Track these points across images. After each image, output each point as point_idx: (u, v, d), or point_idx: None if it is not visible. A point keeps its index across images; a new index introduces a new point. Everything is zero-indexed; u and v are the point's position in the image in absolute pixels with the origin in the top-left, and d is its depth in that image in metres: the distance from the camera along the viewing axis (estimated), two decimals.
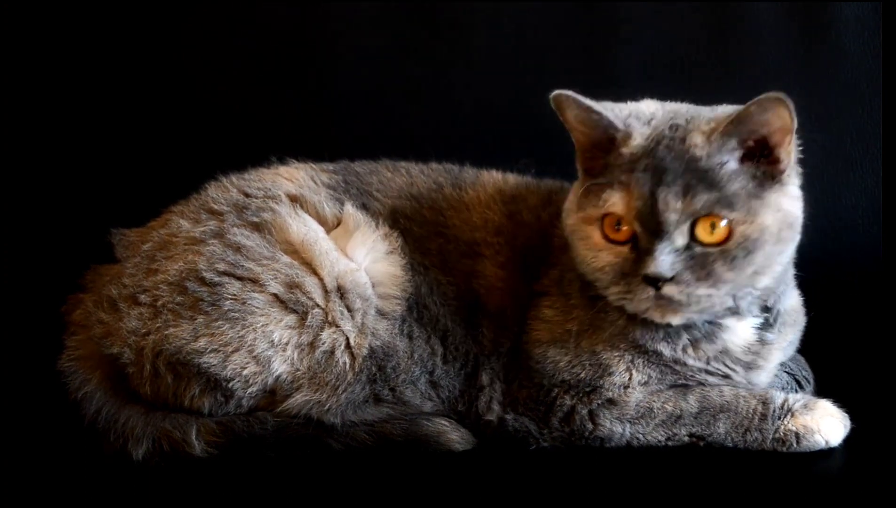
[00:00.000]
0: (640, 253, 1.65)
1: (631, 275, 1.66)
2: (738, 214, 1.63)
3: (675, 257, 1.63)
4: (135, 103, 2.62)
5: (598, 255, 1.70)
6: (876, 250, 2.39)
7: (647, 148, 1.67)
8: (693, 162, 1.64)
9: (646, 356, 1.77)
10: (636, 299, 1.66)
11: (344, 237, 1.84)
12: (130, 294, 1.80)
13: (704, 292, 1.64)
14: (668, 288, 1.63)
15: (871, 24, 2.46)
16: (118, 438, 1.77)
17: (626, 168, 1.66)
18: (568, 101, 1.70)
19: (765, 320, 1.79)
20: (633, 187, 1.64)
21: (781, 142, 1.66)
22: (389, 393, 1.82)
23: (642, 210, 1.63)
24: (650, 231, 1.64)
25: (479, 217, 1.91)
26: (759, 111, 1.62)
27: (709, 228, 1.63)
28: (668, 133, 1.67)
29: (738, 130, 1.64)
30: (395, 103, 2.61)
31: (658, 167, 1.64)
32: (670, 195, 1.62)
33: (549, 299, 1.83)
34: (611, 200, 1.66)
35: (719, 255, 1.63)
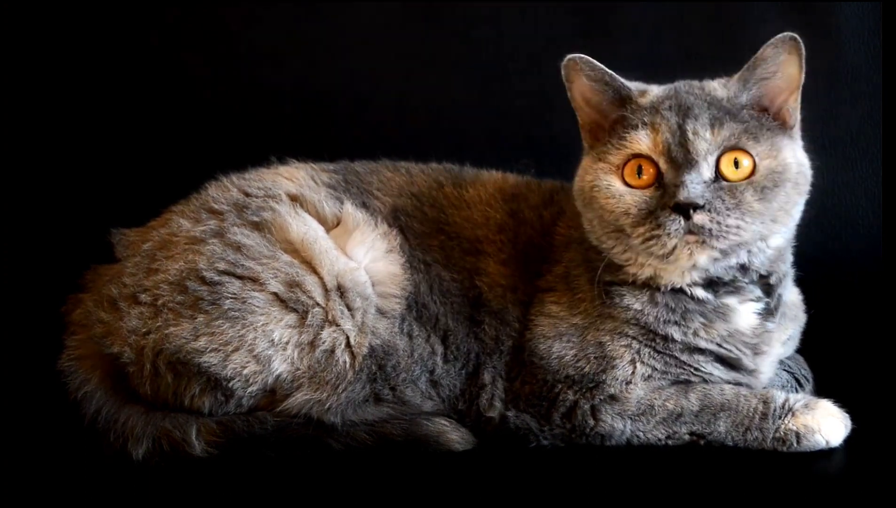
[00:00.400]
0: (667, 189, 1.67)
1: (660, 209, 1.67)
2: (762, 147, 1.69)
3: (704, 187, 1.66)
4: (135, 103, 2.62)
5: (622, 199, 1.71)
6: (876, 250, 2.39)
7: (667, 94, 1.74)
8: (716, 101, 1.71)
9: (654, 344, 1.77)
10: (664, 234, 1.66)
11: (343, 236, 1.85)
12: (131, 294, 1.80)
13: (734, 222, 1.66)
14: (699, 216, 1.64)
15: (871, 24, 2.46)
16: (118, 438, 1.77)
17: (648, 110, 1.72)
18: (583, 62, 1.75)
19: (766, 305, 1.79)
20: (659, 124, 1.69)
21: (787, 100, 1.73)
22: (390, 393, 1.82)
23: (671, 142, 1.67)
24: (678, 165, 1.67)
25: (480, 215, 1.92)
26: (774, 53, 1.70)
27: (732, 164, 1.67)
28: (683, 86, 1.76)
29: (754, 74, 1.71)
30: (394, 104, 2.62)
31: (683, 104, 1.70)
32: (699, 125, 1.67)
33: (554, 294, 1.83)
34: (636, 138, 1.70)
35: (748, 186, 1.67)
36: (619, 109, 1.76)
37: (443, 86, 2.62)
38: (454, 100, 2.61)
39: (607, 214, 1.73)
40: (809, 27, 2.46)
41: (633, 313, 1.77)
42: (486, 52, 2.61)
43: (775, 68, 1.71)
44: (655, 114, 1.71)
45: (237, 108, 2.63)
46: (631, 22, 2.55)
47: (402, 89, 2.63)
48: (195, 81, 2.64)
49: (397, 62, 2.62)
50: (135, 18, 2.61)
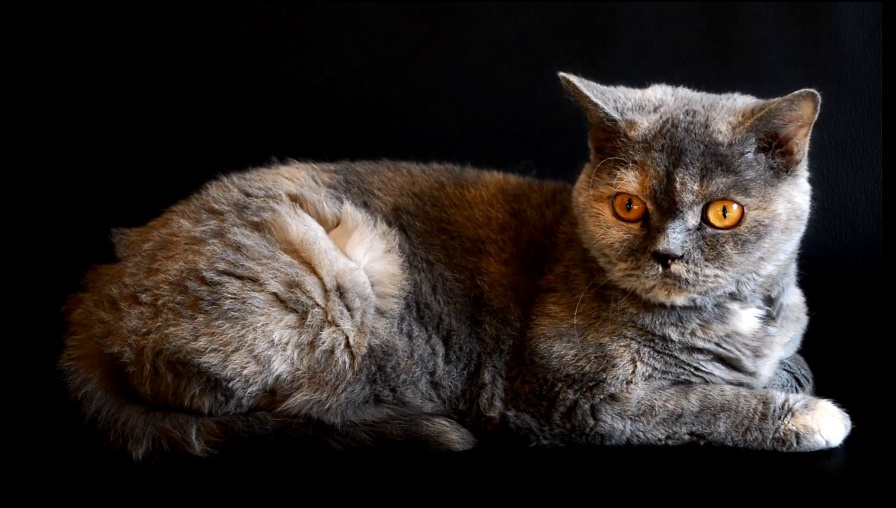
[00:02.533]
0: (650, 230, 1.67)
1: (640, 251, 1.68)
2: (753, 199, 1.66)
3: (685, 236, 1.65)
4: (135, 104, 2.62)
5: (608, 231, 1.71)
6: (876, 250, 2.39)
7: (661, 130, 1.69)
8: (713, 147, 1.67)
9: (653, 344, 1.77)
10: (643, 275, 1.67)
11: (343, 236, 1.84)
12: (131, 294, 1.80)
13: (711, 273, 1.66)
14: (676, 266, 1.65)
15: (871, 24, 2.46)
16: (118, 438, 1.77)
17: (640, 148, 1.69)
18: (570, 85, 1.73)
19: (767, 313, 1.79)
20: (648, 166, 1.67)
21: (797, 134, 1.70)
22: (390, 394, 1.82)
23: (657, 189, 1.66)
24: (663, 210, 1.66)
25: (482, 215, 1.92)
26: (790, 107, 1.66)
27: (720, 212, 1.66)
28: (683, 117, 1.70)
29: (766, 123, 1.67)
30: (395, 103, 2.62)
31: (676, 148, 1.67)
32: (687, 176, 1.65)
33: (554, 295, 1.84)
34: (625, 178, 1.69)
35: (730, 237, 1.66)
36: (611, 137, 1.73)
37: (443, 86, 2.62)
38: (455, 100, 2.61)
39: (595, 242, 1.74)
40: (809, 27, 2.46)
41: (629, 316, 1.77)
42: (486, 52, 2.61)
43: (788, 120, 1.68)
44: (646, 153, 1.68)
45: (238, 108, 2.63)
46: (631, 22, 2.55)
47: (403, 89, 2.62)
48: (196, 80, 2.63)
49: (397, 62, 2.62)
50: (135, 18, 2.61)
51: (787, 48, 2.50)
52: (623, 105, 1.74)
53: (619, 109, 1.73)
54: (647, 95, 1.78)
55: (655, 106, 1.75)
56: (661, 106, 1.74)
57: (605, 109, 1.72)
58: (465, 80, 2.61)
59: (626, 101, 1.75)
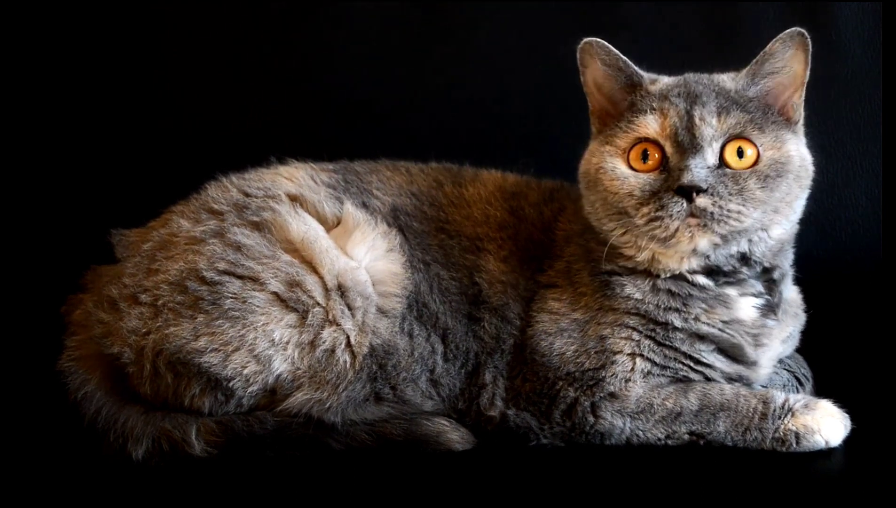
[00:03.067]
0: (671, 172, 1.71)
1: (663, 191, 1.70)
2: (767, 138, 1.73)
3: (708, 172, 1.69)
4: (135, 104, 2.62)
5: (626, 181, 1.74)
6: (876, 250, 2.39)
7: (676, 83, 1.80)
8: (724, 91, 1.75)
9: (654, 334, 1.77)
10: (667, 215, 1.69)
11: (344, 236, 1.85)
12: (131, 294, 1.80)
13: (735, 208, 1.69)
14: (701, 199, 1.67)
15: (871, 24, 2.46)
16: (118, 438, 1.77)
17: (657, 97, 1.76)
18: (598, 47, 1.79)
19: (766, 301, 1.80)
20: (668, 109, 1.73)
21: (792, 96, 1.77)
22: (390, 392, 1.82)
23: (678, 127, 1.71)
24: (683, 149, 1.70)
25: (480, 213, 1.92)
26: (782, 48, 1.74)
27: (736, 153, 1.71)
28: (694, 76, 1.81)
29: (762, 68, 1.76)
30: (395, 103, 2.62)
31: (691, 92, 1.75)
32: (706, 112, 1.71)
33: (555, 291, 1.84)
34: (644, 122, 1.74)
35: (751, 174, 1.71)
36: (630, 95, 1.80)
37: (443, 86, 2.62)
38: (454, 100, 2.61)
39: (611, 195, 1.75)
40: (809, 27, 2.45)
41: (633, 303, 1.78)
42: (485, 52, 2.61)
43: (782, 64, 1.76)
44: (664, 100, 1.75)
45: (237, 108, 2.63)
46: (630, 22, 2.55)
47: (402, 89, 2.62)
48: (195, 81, 2.64)
49: (397, 62, 2.62)
50: (135, 18, 2.61)
51: None
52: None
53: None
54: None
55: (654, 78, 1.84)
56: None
57: (634, 67, 1.80)
58: (465, 80, 2.61)
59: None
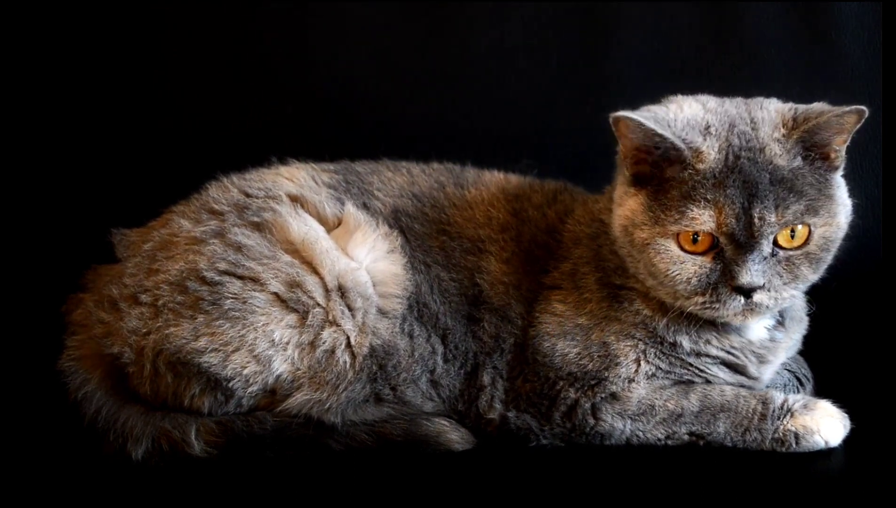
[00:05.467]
0: (726, 264, 1.66)
1: (721, 285, 1.67)
2: (819, 218, 1.66)
3: (764, 266, 1.65)
4: (135, 104, 2.62)
5: (683, 267, 1.68)
6: (876, 250, 2.39)
7: (726, 163, 1.66)
8: (777, 172, 1.65)
9: (661, 346, 1.77)
10: (723, 308, 1.67)
11: (344, 237, 1.85)
12: (131, 294, 1.80)
13: (788, 295, 1.69)
14: (759, 296, 1.66)
15: (871, 24, 2.46)
16: (117, 438, 1.77)
17: (710, 184, 1.65)
18: (630, 123, 1.65)
19: (777, 321, 1.81)
20: (723, 204, 1.63)
21: (835, 141, 1.68)
22: (390, 392, 1.82)
23: (735, 227, 1.64)
24: (739, 244, 1.65)
25: (482, 215, 1.92)
26: (838, 122, 1.65)
27: (789, 234, 1.66)
28: (738, 142, 1.67)
29: (812, 137, 1.66)
30: (395, 104, 2.61)
31: (747, 182, 1.64)
32: (765, 210, 1.63)
33: (560, 292, 1.83)
34: (700, 218, 1.65)
35: (804, 258, 1.67)
36: (674, 168, 1.67)
37: (443, 86, 2.62)
38: (455, 100, 2.61)
39: (663, 277, 1.69)
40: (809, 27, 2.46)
41: (642, 318, 1.77)
42: (486, 52, 2.61)
43: (835, 133, 1.67)
44: (719, 190, 1.64)
45: (237, 108, 2.63)
46: (630, 21, 2.54)
47: (403, 89, 2.62)
48: (195, 81, 2.63)
49: (397, 62, 2.62)
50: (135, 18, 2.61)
51: (787, 48, 2.50)
52: (677, 130, 1.68)
53: (679, 136, 1.66)
54: (686, 115, 1.71)
55: (704, 127, 1.69)
56: (709, 127, 1.69)
57: (673, 140, 1.64)
58: (465, 80, 2.61)
59: (675, 121, 1.70)
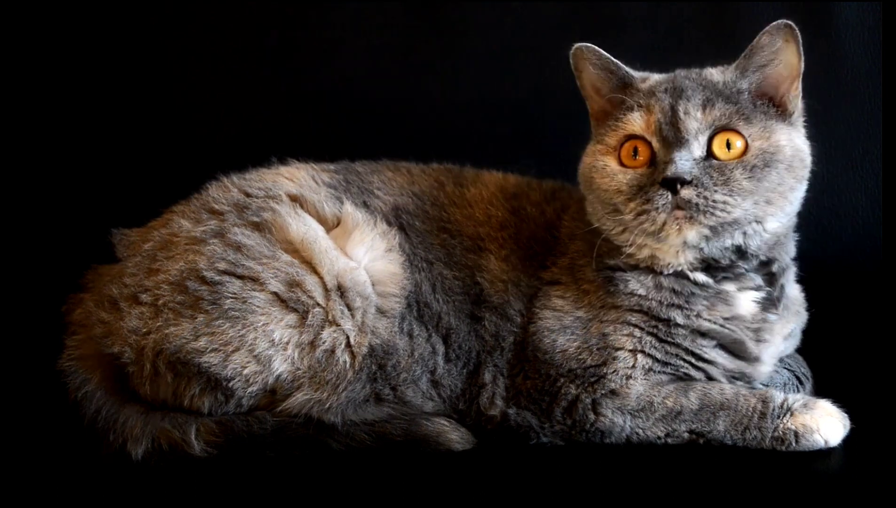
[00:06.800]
0: (657, 167, 1.72)
1: (649, 184, 1.71)
2: (754, 129, 1.72)
3: (692, 164, 1.69)
4: (135, 104, 2.62)
5: (616, 177, 1.76)
6: (876, 250, 2.39)
7: (665, 79, 1.81)
8: (710, 84, 1.76)
9: (657, 331, 1.78)
10: (653, 208, 1.69)
11: (343, 236, 1.85)
12: (131, 294, 1.80)
13: (721, 198, 1.69)
14: (685, 191, 1.68)
15: (871, 24, 2.46)
16: (117, 437, 1.77)
17: (645, 94, 1.78)
18: (589, 51, 1.82)
19: (767, 294, 1.80)
20: (653, 104, 1.74)
21: (789, 88, 1.77)
22: (390, 392, 1.82)
23: (662, 122, 1.72)
24: (669, 143, 1.71)
25: (482, 213, 1.92)
26: (770, 40, 1.74)
27: (724, 145, 1.71)
28: (682, 72, 1.83)
29: (751, 61, 1.76)
30: (395, 104, 2.62)
31: (677, 87, 1.76)
32: (690, 106, 1.72)
33: (559, 288, 1.84)
34: (632, 120, 1.76)
35: (738, 165, 1.71)
36: (621, 95, 1.81)
37: (443, 86, 2.62)
38: (454, 100, 2.61)
39: (603, 193, 1.77)
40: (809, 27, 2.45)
41: (636, 300, 1.78)
42: (486, 52, 2.61)
43: (773, 56, 1.75)
44: (651, 96, 1.77)
45: (238, 108, 2.63)
46: (630, 21, 2.55)
47: (403, 89, 2.63)
48: (195, 81, 2.64)
49: (397, 62, 2.62)
50: (134, 18, 2.61)
51: None
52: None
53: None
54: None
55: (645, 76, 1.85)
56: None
57: (625, 69, 1.81)
58: (465, 80, 2.61)
59: None
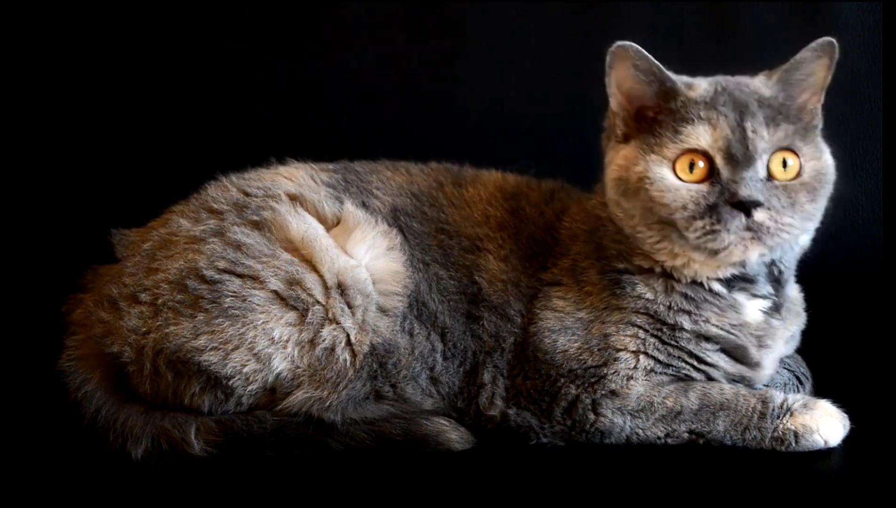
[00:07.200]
0: (724, 185, 1.68)
1: (720, 204, 1.67)
2: (809, 149, 1.72)
3: (762, 185, 1.68)
4: (135, 104, 2.62)
5: (678, 194, 1.70)
6: (876, 250, 2.39)
7: (717, 90, 1.74)
8: (764, 99, 1.72)
9: (660, 334, 1.77)
10: (724, 229, 1.67)
11: (344, 235, 1.85)
12: (131, 293, 1.80)
13: (789, 221, 1.69)
14: (759, 214, 1.66)
15: (871, 24, 2.46)
16: (117, 437, 1.77)
17: (703, 106, 1.72)
18: (633, 52, 1.73)
19: (773, 302, 1.81)
20: (718, 120, 1.69)
21: (811, 100, 1.77)
22: (390, 390, 1.82)
23: (731, 140, 1.68)
24: (736, 162, 1.68)
25: (480, 213, 1.92)
26: (812, 56, 1.73)
27: (781, 164, 1.70)
28: (724, 81, 1.76)
29: (793, 76, 1.74)
30: (395, 103, 2.62)
31: (738, 102, 1.71)
32: (757, 123, 1.68)
33: (560, 289, 1.84)
34: (695, 133, 1.70)
35: (800, 187, 1.70)
36: (666, 102, 1.75)
37: (443, 86, 2.62)
38: (454, 100, 2.61)
39: (659, 206, 1.71)
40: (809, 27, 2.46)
41: (643, 303, 1.78)
42: (486, 52, 2.61)
43: (810, 72, 1.74)
44: (711, 109, 1.71)
45: (237, 108, 2.63)
46: (630, 21, 2.55)
47: (403, 89, 2.63)
48: (195, 81, 2.64)
49: (397, 62, 2.62)
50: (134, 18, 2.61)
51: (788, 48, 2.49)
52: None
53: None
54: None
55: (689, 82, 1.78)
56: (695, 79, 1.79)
57: (668, 73, 1.74)
58: (466, 80, 2.61)
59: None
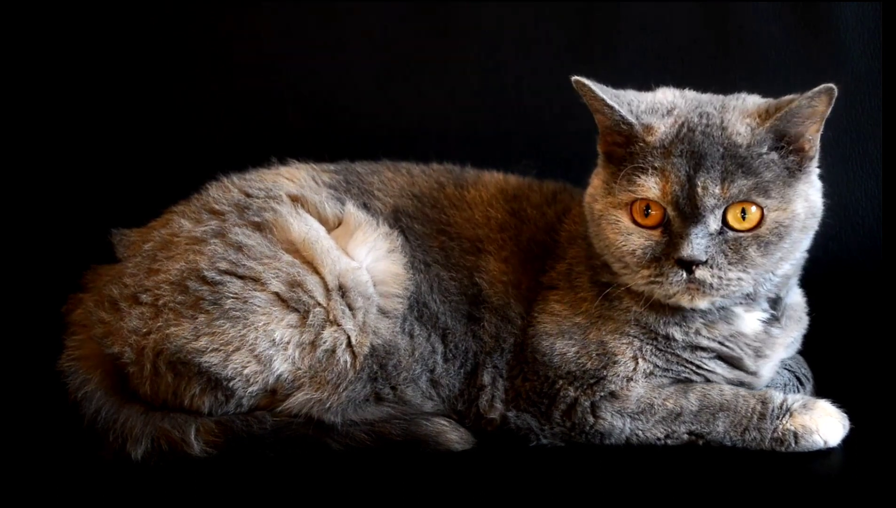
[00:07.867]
0: (672, 237, 1.67)
1: (663, 258, 1.67)
2: (773, 201, 1.66)
3: (708, 241, 1.65)
4: (135, 104, 2.62)
5: (629, 239, 1.70)
6: (876, 250, 2.39)
7: (678, 135, 1.69)
8: (732, 148, 1.66)
9: (655, 342, 1.78)
10: (666, 282, 1.67)
11: (345, 236, 1.85)
12: (131, 294, 1.80)
13: (735, 276, 1.67)
14: (701, 272, 1.65)
15: (871, 24, 2.46)
16: (117, 438, 1.77)
17: (659, 153, 1.68)
18: (584, 88, 1.71)
19: (772, 315, 1.80)
20: (669, 172, 1.66)
21: (808, 130, 1.70)
22: (391, 392, 1.83)
23: (679, 195, 1.65)
24: (685, 215, 1.65)
25: (481, 215, 1.92)
26: (809, 105, 1.66)
27: (739, 214, 1.66)
28: (699, 120, 1.69)
29: (785, 123, 1.67)
30: (395, 104, 2.61)
31: (695, 152, 1.66)
32: (709, 180, 1.64)
33: (557, 292, 1.84)
34: (645, 184, 1.68)
35: (752, 240, 1.66)
36: (628, 144, 1.72)
37: (443, 86, 2.62)
38: (455, 100, 2.61)
39: (614, 248, 1.72)
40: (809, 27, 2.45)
41: (633, 315, 1.77)
42: (486, 53, 2.61)
43: (808, 115, 1.68)
44: (666, 159, 1.67)
45: (238, 108, 2.63)
46: (631, 22, 2.54)
47: (403, 90, 2.62)
48: (196, 81, 2.63)
49: (397, 62, 2.62)
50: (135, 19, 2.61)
51: (787, 48, 2.50)
52: (637, 108, 1.73)
53: (634, 113, 1.72)
54: (657, 98, 1.77)
55: (668, 109, 1.74)
56: (674, 109, 1.73)
57: (622, 113, 1.70)
58: (466, 80, 2.61)
59: (638, 104, 1.74)
